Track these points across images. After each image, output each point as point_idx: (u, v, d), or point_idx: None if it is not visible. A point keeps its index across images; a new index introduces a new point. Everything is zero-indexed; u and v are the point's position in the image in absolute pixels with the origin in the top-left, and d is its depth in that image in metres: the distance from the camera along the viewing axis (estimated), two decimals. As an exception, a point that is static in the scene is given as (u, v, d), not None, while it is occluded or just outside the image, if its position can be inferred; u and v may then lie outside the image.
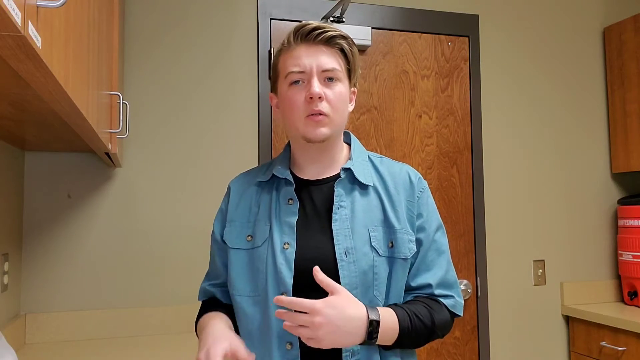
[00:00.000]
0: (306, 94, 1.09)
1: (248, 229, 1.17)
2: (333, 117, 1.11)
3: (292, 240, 1.11)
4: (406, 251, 1.12)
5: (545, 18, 2.67)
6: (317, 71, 1.10)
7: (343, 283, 1.07)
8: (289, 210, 1.14)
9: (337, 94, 1.11)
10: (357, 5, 2.38)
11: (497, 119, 2.56)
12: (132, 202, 2.09)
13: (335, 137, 1.16)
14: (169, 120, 2.15)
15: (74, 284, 2.01)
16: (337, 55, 1.13)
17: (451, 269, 1.19)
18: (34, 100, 0.95)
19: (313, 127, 1.10)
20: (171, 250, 2.11)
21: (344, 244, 1.10)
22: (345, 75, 1.14)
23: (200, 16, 2.21)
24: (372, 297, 1.09)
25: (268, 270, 1.10)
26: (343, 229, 1.11)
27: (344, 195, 1.14)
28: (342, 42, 1.13)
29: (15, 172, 1.89)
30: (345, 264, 1.08)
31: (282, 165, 1.19)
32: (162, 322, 2.06)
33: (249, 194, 1.21)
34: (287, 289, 1.08)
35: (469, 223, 2.48)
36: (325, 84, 1.11)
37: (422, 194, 1.19)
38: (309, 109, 1.09)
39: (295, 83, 1.11)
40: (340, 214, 1.12)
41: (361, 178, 1.15)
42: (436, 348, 2.38)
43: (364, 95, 2.38)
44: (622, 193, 2.72)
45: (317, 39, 1.11)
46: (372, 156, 1.23)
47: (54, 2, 0.61)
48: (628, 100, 2.59)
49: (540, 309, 2.55)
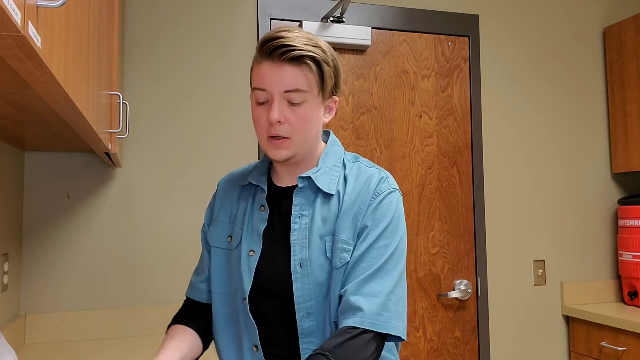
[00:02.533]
0: (268, 116, 1.06)
1: (229, 229, 1.18)
2: (295, 139, 1.07)
3: (258, 247, 1.12)
4: (336, 261, 1.06)
5: (546, 18, 2.66)
6: (278, 92, 1.05)
7: (296, 295, 1.06)
8: (259, 217, 1.14)
9: (300, 115, 1.06)
10: (357, 5, 2.37)
11: (497, 119, 2.56)
12: (132, 202, 2.09)
13: (303, 154, 1.12)
14: (169, 120, 2.15)
15: (74, 284, 2.01)
16: (303, 74, 1.05)
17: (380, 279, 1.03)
18: (34, 100, 0.95)
19: (274, 149, 1.08)
20: (171, 250, 2.11)
21: (299, 255, 1.07)
22: (315, 91, 1.07)
23: (200, 16, 2.21)
24: (328, 309, 1.06)
25: (237, 274, 1.13)
26: (300, 239, 1.08)
27: (306, 204, 1.11)
28: (308, 62, 1.05)
29: (15, 172, 1.89)
30: (300, 275, 1.07)
31: (260, 171, 1.19)
32: (162, 321, 2.06)
33: (232, 196, 1.22)
34: (245, 295, 1.10)
35: (469, 223, 2.48)
36: (289, 105, 1.06)
37: (375, 199, 1.09)
38: (269, 131, 1.07)
39: (260, 104, 1.08)
40: (300, 223, 1.10)
41: (323, 186, 1.10)
42: (436, 348, 2.38)
43: (364, 95, 2.38)
44: (622, 193, 2.72)
45: (281, 58, 1.04)
46: (348, 160, 1.17)
47: (54, 2, 0.61)
48: (628, 100, 2.59)
49: (541, 309, 2.55)
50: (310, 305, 1.06)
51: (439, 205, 2.43)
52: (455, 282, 2.43)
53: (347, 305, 1.02)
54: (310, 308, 1.06)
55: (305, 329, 1.07)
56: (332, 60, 1.10)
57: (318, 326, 1.07)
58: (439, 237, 2.43)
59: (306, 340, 1.07)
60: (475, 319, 2.45)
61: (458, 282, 2.43)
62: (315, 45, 1.07)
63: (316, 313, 1.07)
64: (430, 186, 2.43)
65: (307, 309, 1.07)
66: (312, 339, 1.07)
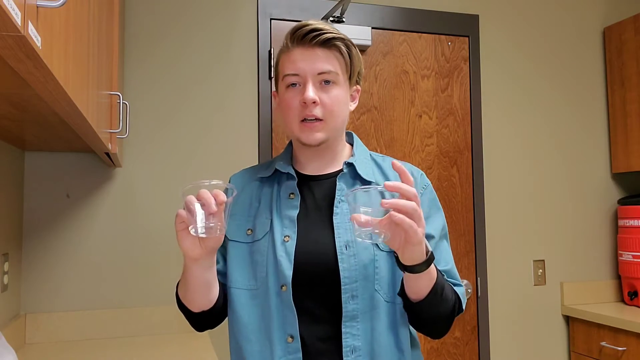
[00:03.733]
0: (301, 98, 1.09)
1: (248, 222, 1.17)
2: (328, 121, 1.11)
3: (293, 233, 1.11)
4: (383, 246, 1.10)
5: (546, 18, 2.66)
6: (312, 75, 1.10)
7: (343, 276, 1.07)
8: (290, 204, 1.14)
9: (332, 97, 1.11)
10: (357, 5, 2.38)
11: (497, 119, 2.56)
12: (132, 202, 2.09)
13: (334, 139, 1.17)
14: (169, 120, 2.15)
15: (74, 284, 2.01)
16: (334, 56, 1.12)
17: (455, 268, 1.19)
18: (34, 100, 0.95)
19: (307, 132, 1.11)
20: (171, 250, 2.11)
21: (344, 237, 1.10)
22: (343, 76, 1.13)
23: (200, 16, 2.21)
24: (373, 292, 1.08)
25: (268, 263, 1.10)
26: (344, 222, 1.11)
27: (346, 190, 1.14)
28: (339, 44, 1.12)
29: (15, 172, 1.89)
30: (346, 256, 1.08)
31: (284, 161, 1.20)
32: (162, 322, 2.06)
33: (249, 189, 1.21)
34: (286, 281, 1.08)
35: (469, 223, 2.48)
36: (322, 87, 1.11)
37: (425, 191, 1.18)
38: (303, 114, 1.10)
39: (292, 86, 1.12)
40: (342, 207, 1.12)
41: (363, 174, 1.15)
42: (436, 348, 2.38)
43: (364, 95, 2.38)
44: (622, 193, 2.72)
45: (313, 42, 1.10)
46: (375, 155, 1.24)
47: (54, 2, 0.61)
48: (628, 100, 2.59)
49: (541, 309, 2.55)
50: (356, 286, 1.07)
51: (439, 205, 2.43)
52: (455, 282, 2.43)
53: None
54: (356, 290, 1.07)
55: (349, 312, 1.07)
56: (355, 50, 1.16)
57: (361, 310, 1.07)
58: (439, 237, 2.43)
59: (349, 324, 1.07)
60: (475, 319, 2.45)
61: (458, 282, 2.43)
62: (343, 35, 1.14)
63: (360, 295, 1.07)
64: (430, 186, 2.43)
65: (353, 291, 1.07)
66: (354, 323, 1.07)
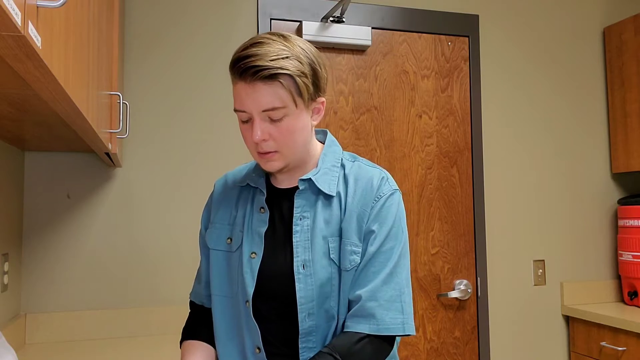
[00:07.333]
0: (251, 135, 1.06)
1: (228, 231, 1.18)
2: (284, 152, 1.08)
3: (259, 250, 1.12)
4: (346, 263, 1.08)
5: (546, 18, 2.67)
6: (257, 112, 1.04)
7: (299, 296, 1.07)
8: (260, 219, 1.14)
9: (284, 130, 1.05)
10: (357, 5, 2.38)
11: (497, 119, 2.56)
12: (132, 202, 2.09)
13: (297, 160, 1.13)
14: (169, 120, 2.15)
15: (74, 284, 2.01)
16: (277, 89, 1.02)
17: (392, 283, 1.07)
18: (34, 100, 0.95)
19: (265, 162, 1.09)
20: (171, 250, 2.11)
21: (302, 257, 1.09)
22: (293, 104, 1.05)
23: (200, 16, 2.21)
24: (329, 308, 1.09)
25: (238, 276, 1.13)
26: (303, 240, 1.10)
27: (307, 206, 1.12)
28: (280, 79, 1.02)
29: (15, 172, 1.89)
30: (302, 276, 1.08)
31: (258, 172, 1.19)
32: (162, 322, 2.06)
33: (230, 197, 1.22)
34: (248, 297, 1.10)
35: (469, 223, 2.48)
36: (271, 122, 1.05)
37: (378, 202, 1.11)
38: (257, 148, 1.08)
39: (244, 122, 1.08)
40: (302, 225, 1.10)
41: (324, 188, 1.11)
42: (436, 348, 2.38)
43: (364, 95, 2.38)
44: (622, 193, 2.72)
45: (254, 77, 1.01)
46: (347, 159, 1.18)
47: (54, 2, 0.61)
48: (628, 100, 2.59)
49: (541, 309, 2.55)
50: (312, 306, 1.08)
51: (438, 205, 2.43)
52: (455, 282, 2.43)
53: (362, 311, 1.06)
54: (312, 309, 1.08)
55: (305, 329, 1.08)
56: (309, 65, 1.06)
57: (317, 326, 1.09)
58: (439, 237, 2.43)
59: (305, 339, 1.09)
60: (475, 319, 2.45)
61: (458, 282, 2.43)
62: (287, 57, 1.03)
63: (317, 313, 1.08)
64: (430, 186, 2.43)
65: (309, 310, 1.08)
66: (311, 337, 1.09)
